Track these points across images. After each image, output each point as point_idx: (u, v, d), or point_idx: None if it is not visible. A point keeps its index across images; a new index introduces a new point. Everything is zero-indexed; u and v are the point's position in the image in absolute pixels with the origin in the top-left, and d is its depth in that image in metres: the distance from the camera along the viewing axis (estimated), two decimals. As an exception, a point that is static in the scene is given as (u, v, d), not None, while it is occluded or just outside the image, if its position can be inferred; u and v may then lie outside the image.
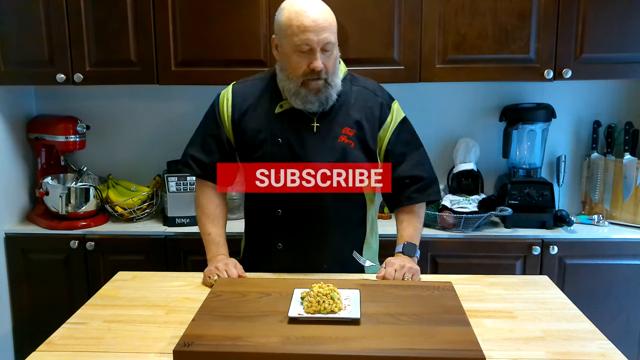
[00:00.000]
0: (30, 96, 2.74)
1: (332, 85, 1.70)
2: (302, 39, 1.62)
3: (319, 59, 1.64)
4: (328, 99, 1.70)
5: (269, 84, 1.80)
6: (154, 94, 2.71)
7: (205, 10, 2.34)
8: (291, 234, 1.79)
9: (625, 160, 2.51)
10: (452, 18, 2.32)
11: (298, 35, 1.62)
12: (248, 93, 1.80)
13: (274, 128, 1.74)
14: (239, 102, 1.79)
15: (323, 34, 1.62)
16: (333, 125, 1.74)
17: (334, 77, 1.70)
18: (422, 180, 1.81)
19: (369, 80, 1.86)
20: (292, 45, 1.64)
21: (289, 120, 1.75)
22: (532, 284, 1.72)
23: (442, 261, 2.38)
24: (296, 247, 1.80)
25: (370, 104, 1.78)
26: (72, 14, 2.37)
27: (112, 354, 1.32)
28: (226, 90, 1.84)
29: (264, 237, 1.84)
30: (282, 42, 1.69)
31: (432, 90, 2.63)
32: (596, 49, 2.32)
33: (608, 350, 1.33)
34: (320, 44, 1.62)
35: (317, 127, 1.74)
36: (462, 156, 2.59)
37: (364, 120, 1.76)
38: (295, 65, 1.66)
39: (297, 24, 1.61)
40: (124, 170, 2.76)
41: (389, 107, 1.80)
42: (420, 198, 1.82)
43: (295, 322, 1.38)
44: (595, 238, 2.37)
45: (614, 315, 2.38)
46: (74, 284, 2.45)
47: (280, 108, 1.75)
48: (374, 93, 1.80)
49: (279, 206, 1.77)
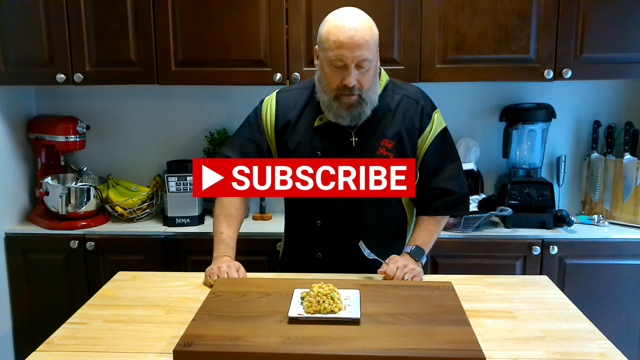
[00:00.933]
0: (30, 96, 2.74)
1: (367, 102, 1.68)
2: (336, 55, 1.61)
3: (352, 76, 1.62)
4: (361, 114, 1.69)
5: (310, 95, 1.79)
6: (154, 94, 2.71)
7: (205, 10, 2.34)
8: (330, 245, 1.80)
9: (625, 160, 2.51)
10: (452, 18, 2.32)
11: (333, 51, 1.61)
12: (291, 103, 1.79)
13: (314, 141, 1.75)
14: (282, 111, 1.79)
15: (358, 51, 1.60)
16: (372, 138, 1.74)
17: (369, 93, 1.68)
18: (453, 194, 1.80)
19: (411, 87, 1.83)
20: (327, 59, 1.64)
21: (328, 133, 1.74)
22: (532, 284, 1.72)
23: (442, 261, 2.38)
24: (335, 256, 1.81)
25: (411, 113, 1.76)
26: (72, 14, 2.37)
27: (112, 354, 1.32)
28: (270, 97, 1.83)
29: (304, 246, 1.85)
30: (320, 55, 1.69)
31: (432, 90, 2.59)
32: (596, 49, 2.32)
33: (608, 350, 1.33)
34: (354, 60, 1.61)
35: (356, 141, 1.74)
36: (462, 156, 2.58)
37: (404, 131, 1.75)
38: (329, 78, 1.66)
39: (334, 39, 1.61)
40: (124, 170, 2.77)
41: (429, 116, 1.78)
42: (447, 211, 1.82)
43: (295, 322, 1.38)
44: (595, 238, 2.37)
45: (614, 315, 2.38)
46: (74, 284, 2.45)
47: (320, 121, 1.75)
48: (416, 102, 1.78)
49: (318, 217, 1.79)
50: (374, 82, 1.69)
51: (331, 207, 1.75)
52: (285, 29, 2.35)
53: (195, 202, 2.51)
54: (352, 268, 1.77)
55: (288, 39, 2.36)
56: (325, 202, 1.76)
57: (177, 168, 2.55)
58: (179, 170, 2.53)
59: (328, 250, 1.81)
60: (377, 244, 1.76)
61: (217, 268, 1.70)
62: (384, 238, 1.82)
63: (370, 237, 1.76)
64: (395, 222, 1.85)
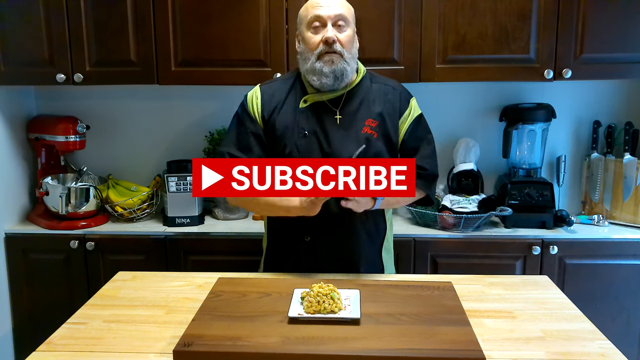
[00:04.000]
0: (30, 96, 2.74)
1: (348, 61, 1.75)
2: (314, 15, 1.74)
3: (331, 31, 1.73)
4: (343, 73, 1.75)
5: (294, 82, 1.86)
6: (154, 94, 2.72)
7: (205, 10, 2.34)
8: (317, 225, 1.79)
9: (625, 160, 2.51)
10: (452, 18, 2.32)
11: (311, 13, 1.75)
12: (275, 92, 1.85)
13: (300, 122, 1.79)
14: (267, 100, 1.84)
15: (335, 10, 1.73)
16: (356, 117, 1.80)
17: (349, 55, 1.76)
18: (425, 170, 1.84)
19: (388, 78, 1.92)
20: (307, 24, 1.76)
21: (314, 113, 1.80)
22: (532, 284, 1.72)
23: (442, 261, 2.38)
24: (323, 237, 1.81)
25: (390, 97, 1.84)
26: (72, 14, 2.37)
27: (112, 354, 1.32)
28: (253, 90, 1.88)
29: (290, 232, 1.84)
30: (301, 30, 1.80)
31: (432, 90, 2.63)
32: (596, 49, 2.32)
33: (608, 350, 1.33)
34: (332, 19, 1.73)
35: (340, 119, 1.79)
36: (462, 156, 2.59)
37: (386, 113, 1.81)
38: (309, 41, 1.76)
39: (311, 3, 1.76)
40: (124, 170, 2.77)
41: (407, 101, 1.86)
42: (420, 186, 1.84)
43: (295, 322, 1.38)
44: (595, 238, 2.37)
45: (614, 315, 2.38)
46: (74, 284, 2.45)
47: (304, 103, 1.81)
48: (393, 88, 1.86)
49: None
50: (352, 46, 1.79)
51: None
52: (285, 29, 2.35)
53: (195, 202, 2.51)
54: (341, 252, 1.82)
55: (288, 39, 2.36)
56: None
57: (177, 168, 2.55)
58: (179, 170, 2.53)
59: (315, 233, 1.81)
60: (363, 229, 1.81)
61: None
62: (368, 222, 1.84)
63: (356, 220, 1.80)
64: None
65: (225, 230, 2.46)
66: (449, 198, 2.50)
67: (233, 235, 2.43)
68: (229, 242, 2.41)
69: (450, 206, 2.44)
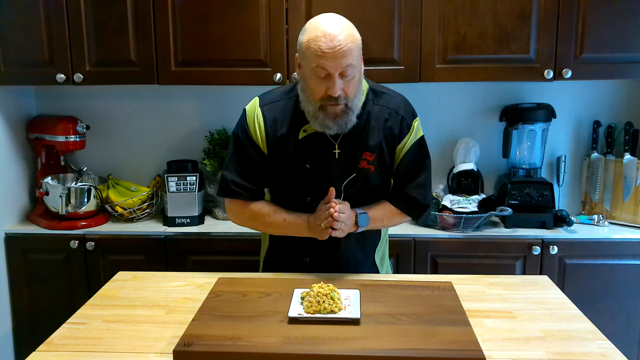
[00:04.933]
0: (30, 96, 2.74)
1: (352, 110, 1.64)
2: (319, 65, 1.56)
3: (337, 85, 1.57)
4: (347, 123, 1.64)
5: (293, 107, 1.73)
6: (154, 94, 2.71)
7: (205, 10, 2.34)
8: (317, 249, 1.78)
9: (625, 160, 2.51)
10: (452, 18, 2.32)
11: (316, 61, 1.56)
12: (279, 117, 1.73)
13: (301, 153, 1.71)
14: (272, 126, 1.73)
15: (341, 60, 1.55)
16: (354, 150, 1.72)
17: (355, 101, 1.64)
18: (417, 202, 1.78)
19: (392, 97, 1.77)
20: (310, 69, 1.59)
21: (313, 145, 1.71)
22: (532, 284, 1.72)
23: (442, 261, 2.38)
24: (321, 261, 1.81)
25: (391, 122, 1.73)
26: (72, 14, 2.37)
27: (112, 354, 1.32)
28: (254, 111, 1.75)
29: (290, 251, 1.83)
30: (302, 64, 1.64)
31: (432, 90, 2.63)
32: (596, 49, 2.32)
33: (608, 350, 1.33)
34: (338, 69, 1.56)
35: (339, 153, 1.71)
36: (462, 156, 2.59)
37: (384, 142, 1.73)
38: (313, 89, 1.61)
39: (315, 48, 1.55)
40: (124, 170, 2.76)
41: (408, 126, 1.75)
42: (407, 211, 1.80)
43: (295, 322, 1.38)
44: (595, 238, 2.37)
45: (614, 315, 2.38)
46: (74, 284, 2.45)
47: (303, 133, 1.71)
48: (395, 112, 1.74)
49: (309, 194, 1.76)
50: (358, 88, 1.65)
51: (319, 243, 1.73)
52: (285, 29, 2.35)
53: (195, 202, 2.51)
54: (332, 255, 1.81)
55: (288, 39, 2.36)
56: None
57: (177, 168, 2.55)
58: (179, 170, 2.53)
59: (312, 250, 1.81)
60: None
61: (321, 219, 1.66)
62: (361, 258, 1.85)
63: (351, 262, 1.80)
64: (374, 242, 1.88)
65: (225, 230, 2.46)
66: (449, 198, 2.50)
67: (233, 235, 2.43)
68: (229, 242, 2.41)
69: (450, 206, 2.44)
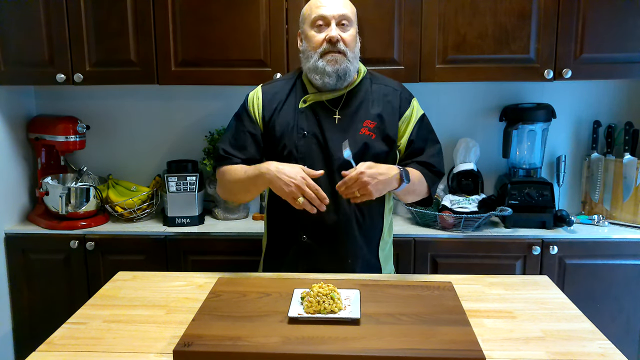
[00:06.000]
0: (30, 96, 2.74)
1: (350, 61, 1.76)
2: (318, 14, 1.75)
3: (335, 30, 1.74)
4: (346, 72, 1.76)
5: (295, 82, 1.87)
6: (154, 94, 2.71)
7: (205, 10, 2.34)
8: (315, 226, 1.80)
9: (625, 160, 2.51)
10: (452, 18, 2.32)
11: (315, 12, 1.76)
12: (277, 93, 1.86)
13: (300, 122, 1.80)
14: (268, 101, 1.85)
15: (339, 9, 1.75)
16: (354, 118, 1.80)
17: (352, 54, 1.77)
18: (434, 167, 1.85)
19: (389, 79, 1.92)
20: (310, 23, 1.78)
21: (313, 114, 1.81)
22: (532, 284, 1.72)
23: (442, 261, 2.38)
24: (320, 238, 1.81)
25: (390, 97, 1.84)
26: (72, 14, 2.37)
27: (112, 354, 1.32)
28: (255, 90, 1.89)
29: (288, 230, 1.85)
30: (304, 29, 1.82)
31: (432, 90, 2.63)
32: (596, 49, 2.32)
33: (608, 350, 1.33)
34: (336, 18, 1.75)
35: (339, 119, 1.80)
36: (462, 156, 2.59)
37: (384, 113, 1.82)
38: (313, 39, 1.77)
39: (315, 2, 1.78)
40: (124, 170, 2.76)
41: (408, 101, 1.86)
42: (429, 177, 1.84)
43: (295, 322, 1.38)
44: (595, 238, 2.37)
45: (614, 315, 2.38)
46: (74, 284, 2.45)
47: (303, 103, 1.82)
48: (393, 88, 1.87)
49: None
50: (355, 45, 1.80)
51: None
52: (285, 29, 2.35)
53: (195, 202, 2.51)
54: (337, 252, 1.82)
55: (288, 39, 2.36)
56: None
57: (177, 168, 2.55)
58: (179, 170, 2.54)
59: (313, 232, 1.81)
60: (359, 227, 1.81)
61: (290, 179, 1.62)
62: (365, 220, 1.84)
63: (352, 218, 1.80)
64: (376, 204, 1.84)
65: (225, 230, 2.46)
66: (449, 198, 2.50)
67: (233, 235, 2.43)
68: (229, 242, 2.41)
69: (450, 206, 2.44)
